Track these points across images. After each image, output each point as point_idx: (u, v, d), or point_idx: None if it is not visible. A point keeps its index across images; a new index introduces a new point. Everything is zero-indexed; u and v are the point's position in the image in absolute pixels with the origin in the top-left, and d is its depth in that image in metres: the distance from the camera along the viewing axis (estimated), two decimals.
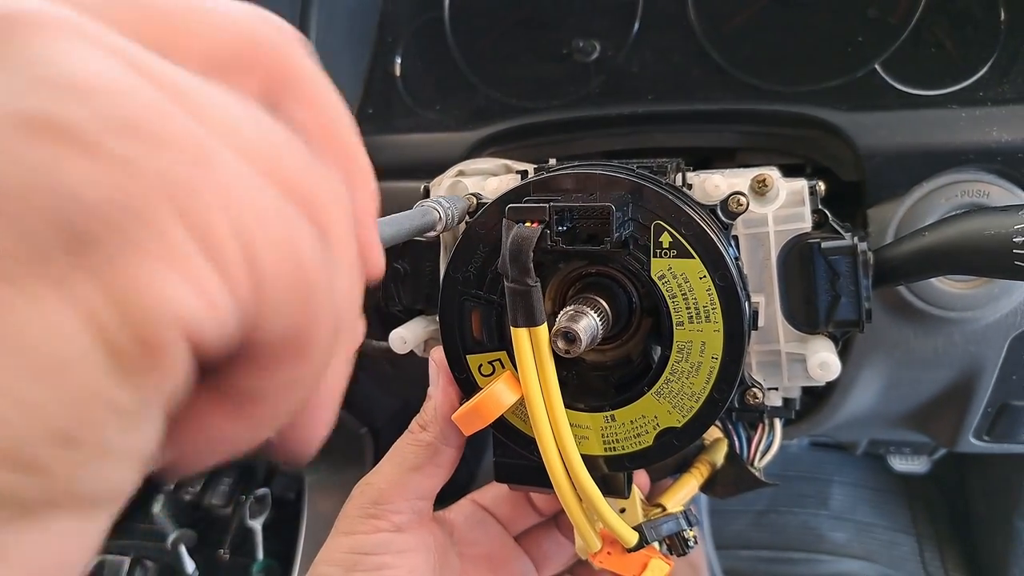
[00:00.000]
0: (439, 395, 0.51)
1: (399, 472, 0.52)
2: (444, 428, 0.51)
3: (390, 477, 0.52)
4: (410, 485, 0.51)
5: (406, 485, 0.51)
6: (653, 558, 0.50)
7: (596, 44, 0.82)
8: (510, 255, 0.42)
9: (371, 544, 0.50)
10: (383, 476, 0.52)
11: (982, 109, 0.67)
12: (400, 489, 0.51)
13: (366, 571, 0.50)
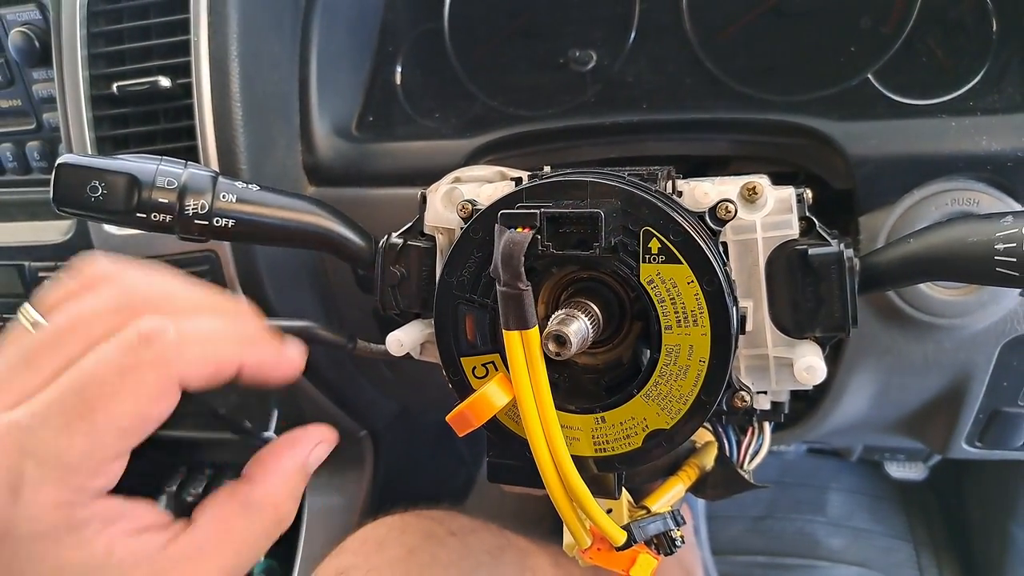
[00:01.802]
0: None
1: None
2: None
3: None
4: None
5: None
6: (641, 554, 0.51)
7: (592, 54, 0.83)
8: (502, 260, 0.44)
9: None
10: None
11: (972, 119, 0.68)
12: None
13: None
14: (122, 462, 0.41)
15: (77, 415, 0.38)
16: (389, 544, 0.80)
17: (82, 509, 0.39)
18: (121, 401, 0.39)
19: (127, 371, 0.39)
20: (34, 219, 1.04)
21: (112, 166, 0.58)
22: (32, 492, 0.38)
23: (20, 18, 0.97)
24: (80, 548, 0.39)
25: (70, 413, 0.38)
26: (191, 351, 0.41)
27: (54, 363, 0.41)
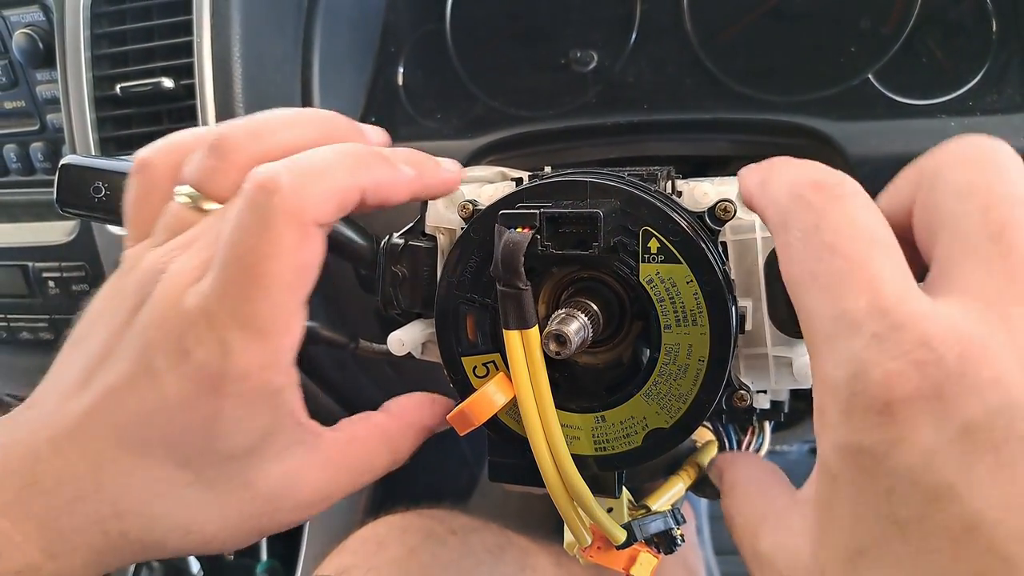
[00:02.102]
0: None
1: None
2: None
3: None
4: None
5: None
6: (642, 552, 0.52)
7: (593, 54, 0.84)
8: (502, 259, 0.44)
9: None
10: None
11: (971, 119, 0.68)
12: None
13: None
14: (301, 317, 0.43)
15: (248, 284, 0.41)
16: (389, 543, 0.81)
17: (279, 374, 0.43)
18: (273, 258, 0.41)
19: (262, 229, 0.41)
20: (38, 220, 1.05)
21: (115, 167, 0.58)
22: (239, 354, 0.41)
23: (24, 19, 0.98)
24: (272, 411, 0.44)
25: (243, 283, 0.41)
26: (310, 189, 0.42)
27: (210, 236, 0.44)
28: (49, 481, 0.42)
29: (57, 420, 0.44)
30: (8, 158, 1.05)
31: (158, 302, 0.43)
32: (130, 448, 0.43)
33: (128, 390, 0.43)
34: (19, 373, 1.23)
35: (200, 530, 0.45)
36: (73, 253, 1.00)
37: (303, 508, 0.47)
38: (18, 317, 1.07)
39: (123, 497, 0.43)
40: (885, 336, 0.30)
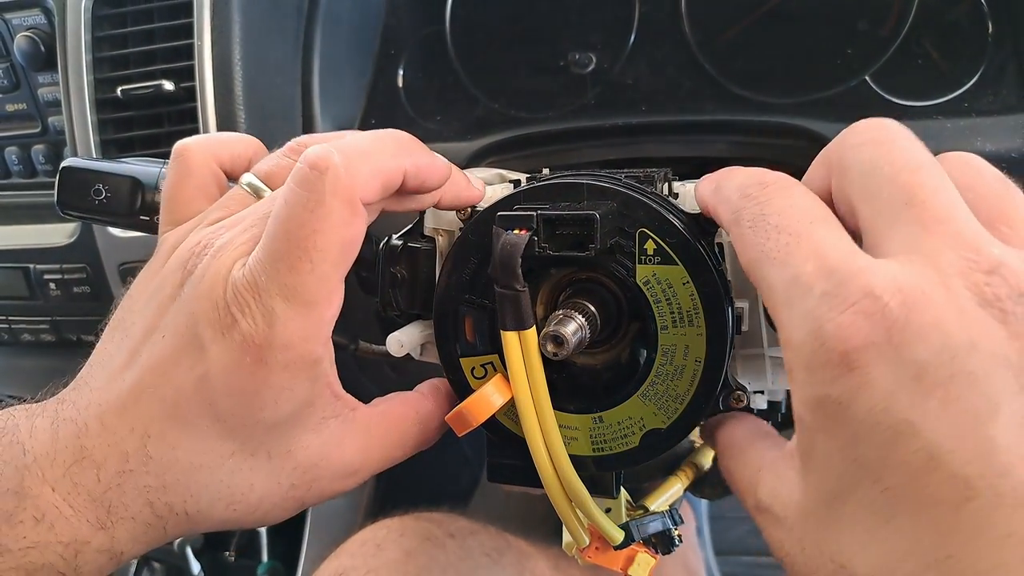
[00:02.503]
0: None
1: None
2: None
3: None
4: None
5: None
6: (640, 552, 0.52)
7: (592, 56, 0.84)
8: (499, 261, 0.44)
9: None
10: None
11: (968, 120, 0.68)
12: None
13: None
14: (341, 290, 0.45)
15: (296, 257, 0.42)
16: (387, 546, 0.81)
17: (319, 345, 0.45)
18: (321, 232, 0.43)
19: (312, 205, 0.42)
20: (40, 222, 1.05)
21: (116, 169, 0.58)
22: (283, 324, 0.43)
23: (26, 23, 0.98)
24: (311, 383, 0.45)
25: (291, 256, 0.42)
26: (359, 168, 0.44)
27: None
28: (98, 456, 0.44)
29: (104, 397, 0.45)
30: (9, 160, 1.06)
31: (204, 275, 0.45)
32: (176, 421, 0.44)
33: (174, 363, 0.44)
34: (21, 375, 1.24)
35: (244, 499, 0.46)
36: (74, 255, 1.01)
37: (340, 478, 0.49)
38: (19, 319, 1.08)
39: (169, 469, 0.44)
40: (833, 292, 0.33)
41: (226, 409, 0.44)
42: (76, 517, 0.43)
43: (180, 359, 0.44)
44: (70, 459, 0.44)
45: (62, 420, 0.45)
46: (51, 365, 1.25)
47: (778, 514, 0.39)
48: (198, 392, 0.44)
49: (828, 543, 0.35)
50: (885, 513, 0.32)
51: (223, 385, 0.43)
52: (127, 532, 0.44)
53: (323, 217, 0.43)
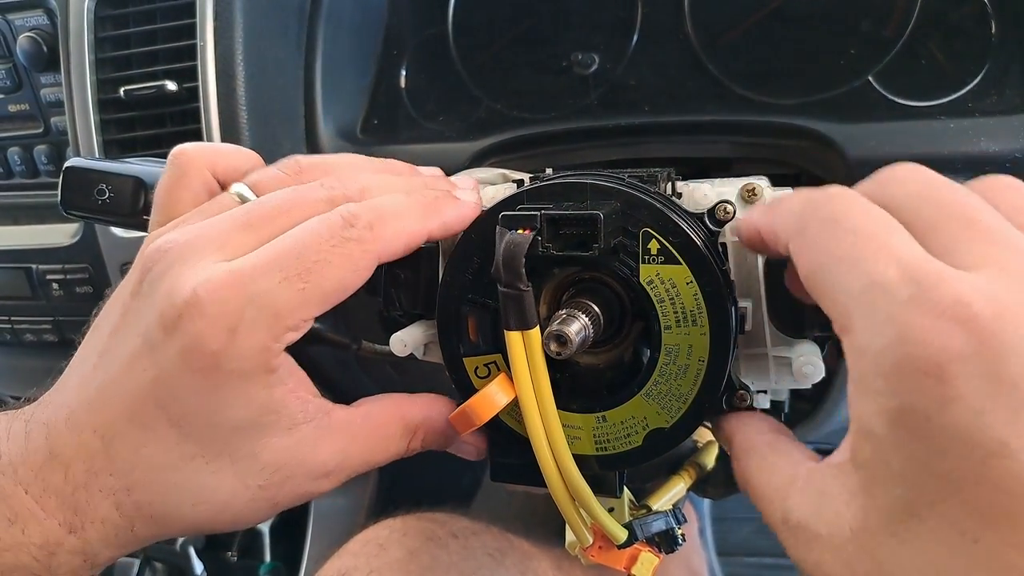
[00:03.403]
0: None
1: None
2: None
3: None
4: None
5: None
6: (643, 551, 0.52)
7: (595, 57, 0.84)
8: (503, 261, 0.44)
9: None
10: None
11: (971, 120, 0.68)
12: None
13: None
14: (310, 324, 0.46)
15: (294, 273, 0.43)
16: (390, 546, 0.81)
17: (275, 357, 0.45)
18: (330, 268, 0.44)
19: (336, 245, 0.45)
20: (42, 222, 1.05)
21: (118, 169, 0.58)
22: (246, 333, 0.43)
23: (28, 23, 0.98)
24: (267, 390, 0.45)
25: (288, 270, 0.43)
26: (385, 230, 0.46)
27: (271, 230, 0.46)
28: (65, 456, 0.44)
29: (75, 398, 0.46)
30: (12, 161, 1.06)
31: (163, 276, 0.45)
32: (138, 422, 0.44)
33: (132, 364, 0.45)
34: (23, 375, 1.24)
35: (210, 500, 0.46)
36: (76, 255, 1.01)
37: (314, 479, 0.49)
38: (22, 319, 1.08)
39: (133, 470, 0.45)
40: (921, 297, 0.31)
41: (179, 413, 0.44)
42: (47, 519, 0.44)
43: (136, 363, 0.45)
44: (40, 460, 0.44)
45: (35, 423, 0.46)
46: (53, 365, 1.25)
47: (819, 532, 0.37)
48: (152, 395, 0.44)
49: (891, 563, 0.33)
50: (973, 533, 0.31)
51: (174, 389, 0.44)
52: (97, 534, 0.45)
53: (339, 258, 0.44)
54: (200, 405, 0.44)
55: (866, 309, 0.33)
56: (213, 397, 0.44)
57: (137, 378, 0.44)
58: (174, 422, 0.44)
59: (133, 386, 0.44)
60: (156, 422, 0.44)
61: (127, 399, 0.44)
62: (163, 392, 0.44)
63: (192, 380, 0.43)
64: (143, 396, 0.44)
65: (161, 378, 0.44)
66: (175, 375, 0.43)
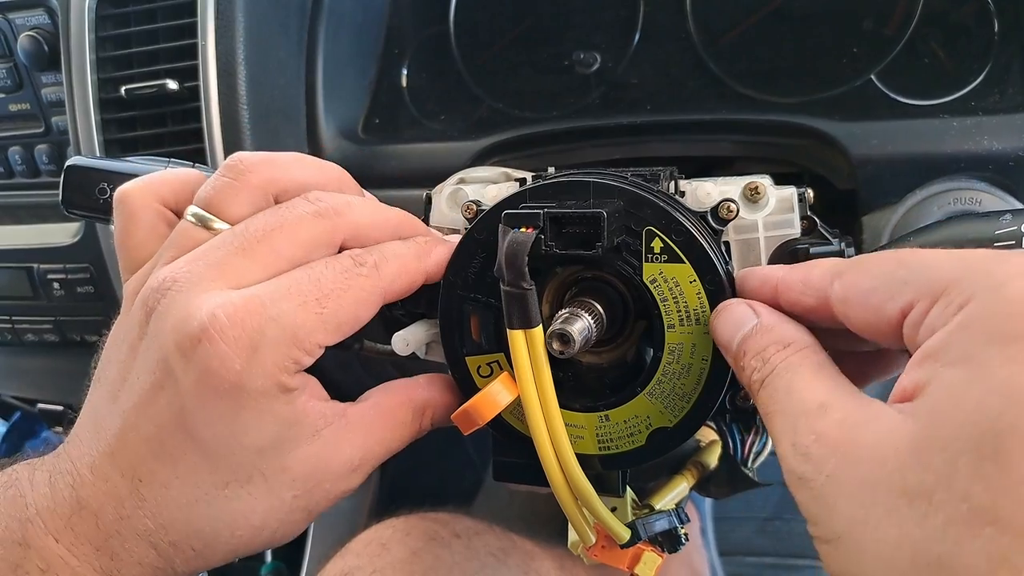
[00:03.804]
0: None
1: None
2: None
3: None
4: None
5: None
6: (646, 551, 0.52)
7: (596, 56, 0.84)
8: (506, 259, 0.44)
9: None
10: None
11: (973, 119, 0.68)
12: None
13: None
14: (322, 351, 0.47)
15: (313, 299, 0.45)
16: (393, 546, 0.81)
17: (292, 377, 0.45)
18: (346, 296, 0.46)
19: (349, 279, 0.47)
20: (43, 222, 1.05)
21: (119, 168, 0.58)
22: (268, 351, 0.43)
23: (29, 22, 0.98)
24: (289, 405, 0.46)
25: (307, 296, 0.45)
26: (388, 269, 0.48)
27: (268, 255, 0.47)
28: (94, 504, 0.44)
29: (94, 446, 0.46)
30: (13, 160, 1.06)
31: (169, 310, 0.45)
32: (163, 459, 0.45)
33: (152, 400, 0.45)
34: (24, 375, 1.24)
35: (247, 524, 0.47)
36: (78, 254, 1.01)
37: (343, 477, 0.49)
38: (23, 319, 1.08)
39: (164, 508, 0.45)
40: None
41: (208, 440, 0.44)
42: (81, 567, 0.44)
43: (157, 396, 0.44)
44: (68, 510, 0.44)
45: (58, 473, 0.46)
46: (54, 365, 1.25)
47: (872, 452, 0.34)
48: (178, 426, 0.44)
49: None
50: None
51: (201, 415, 0.44)
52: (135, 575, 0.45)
53: (352, 292, 0.46)
54: (226, 429, 0.44)
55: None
56: (238, 419, 0.44)
57: (159, 411, 0.44)
58: (201, 450, 0.44)
59: (156, 420, 0.44)
60: (183, 452, 0.44)
61: (151, 434, 0.44)
62: (188, 420, 0.44)
63: (216, 404, 0.43)
64: (167, 428, 0.44)
65: (185, 407, 0.44)
66: (199, 401, 0.43)
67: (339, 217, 0.49)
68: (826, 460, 0.35)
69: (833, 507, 0.34)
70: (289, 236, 0.47)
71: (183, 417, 0.44)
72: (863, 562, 0.32)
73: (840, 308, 0.40)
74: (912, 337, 0.36)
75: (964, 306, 0.33)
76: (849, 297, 0.39)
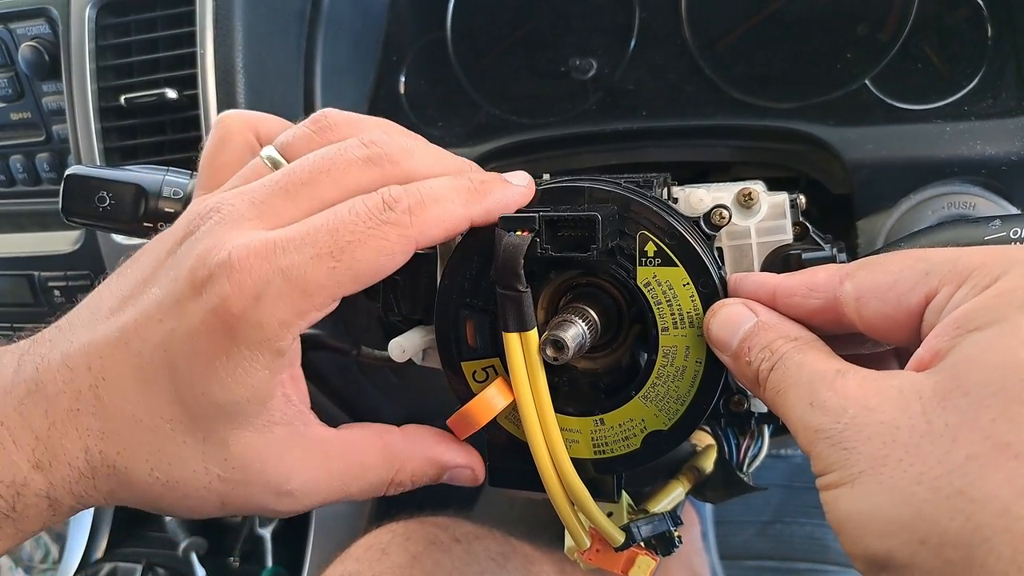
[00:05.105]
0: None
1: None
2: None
3: None
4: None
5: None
6: (640, 555, 0.52)
7: (593, 62, 0.84)
8: (501, 262, 0.45)
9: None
10: None
11: (967, 123, 0.69)
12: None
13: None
14: (334, 306, 0.45)
15: (327, 251, 0.43)
16: (393, 550, 0.81)
17: (290, 337, 0.44)
18: (363, 249, 0.43)
19: (374, 227, 0.44)
20: (44, 229, 1.06)
21: (119, 176, 0.59)
22: (271, 303, 0.42)
23: (30, 32, 0.99)
24: (267, 371, 0.44)
25: (321, 247, 0.43)
26: (425, 215, 0.45)
27: (311, 200, 0.46)
28: (51, 390, 0.44)
29: (79, 337, 0.46)
30: (14, 168, 1.06)
31: (204, 237, 0.45)
32: (134, 373, 0.44)
33: (154, 317, 0.45)
34: None
35: (167, 471, 0.46)
36: (78, 262, 1.01)
37: (273, 494, 0.48)
38: (24, 326, 1.08)
39: (113, 418, 0.45)
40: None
41: (181, 374, 0.44)
42: (17, 454, 0.44)
43: (160, 314, 0.44)
44: (24, 392, 0.45)
45: (29, 355, 0.46)
46: None
47: (885, 420, 0.35)
48: (163, 353, 0.44)
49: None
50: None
51: (187, 346, 0.43)
52: (63, 478, 0.45)
53: (375, 241, 0.43)
54: (203, 370, 0.43)
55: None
56: (216, 366, 0.43)
57: (153, 332, 0.44)
58: (173, 382, 0.44)
59: (147, 339, 0.44)
60: (157, 377, 0.44)
61: (136, 349, 0.44)
62: (173, 350, 0.44)
63: (206, 341, 0.43)
64: (153, 350, 0.44)
65: (177, 333, 0.43)
66: (192, 333, 0.43)
67: (393, 166, 0.47)
68: (845, 409, 0.35)
69: (853, 449, 0.34)
70: (335, 181, 0.46)
71: (171, 345, 0.44)
72: (881, 497, 0.33)
73: (852, 306, 0.40)
74: (933, 322, 0.36)
75: (992, 284, 0.34)
76: (864, 294, 0.40)
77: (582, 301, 0.50)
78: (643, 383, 0.48)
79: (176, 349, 0.44)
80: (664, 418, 0.48)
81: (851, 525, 0.34)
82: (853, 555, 0.34)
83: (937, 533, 0.30)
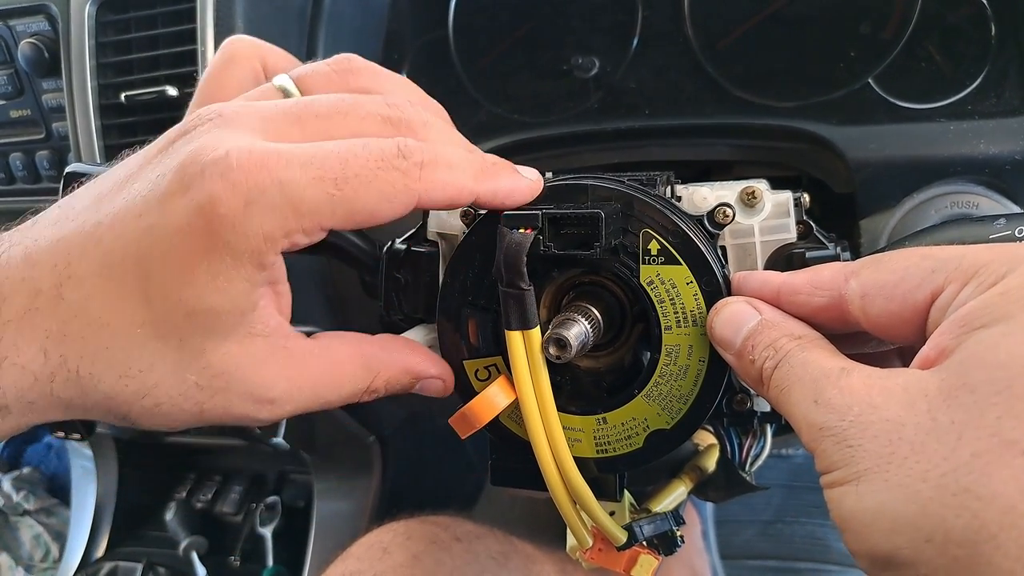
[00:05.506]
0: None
1: None
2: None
3: None
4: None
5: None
6: (642, 554, 0.52)
7: (595, 61, 0.84)
8: (504, 260, 0.44)
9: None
10: None
11: (970, 122, 0.68)
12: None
13: None
14: (316, 240, 0.43)
15: (331, 177, 0.41)
16: (394, 550, 0.81)
17: (274, 253, 0.42)
18: (367, 187, 0.42)
19: (382, 170, 0.42)
20: None
21: None
22: (261, 212, 0.40)
23: (30, 29, 0.99)
24: (248, 283, 0.42)
25: (326, 171, 0.41)
26: (434, 175, 0.44)
27: (320, 133, 0.45)
28: (7, 288, 0.41)
29: (46, 232, 0.43)
30: (14, 166, 1.06)
31: (200, 137, 0.43)
32: (104, 271, 0.42)
33: (133, 214, 0.42)
34: None
35: (138, 377, 0.43)
36: None
37: (253, 401, 0.46)
38: None
39: (75, 318, 0.42)
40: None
41: (155, 277, 0.41)
42: None
43: (140, 208, 0.42)
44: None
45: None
46: None
47: (890, 416, 0.35)
48: (137, 248, 0.41)
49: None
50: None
51: (165, 245, 0.41)
52: (13, 382, 0.41)
53: (380, 183, 0.42)
54: (180, 274, 0.41)
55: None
56: (193, 270, 0.41)
57: (131, 225, 0.41)
58: (144, 285, 0.41)
59: (122, 238, 0.41)
60: (126, 277, 0.41)
61: (109, 248, 0.42)
62: (151, 247, 0.41)
63: (186, 243, 0.40)
64: (128, 247, 0.41)
65: (156, 231, 0.41)
66: (173, 231, 0.40)
67: (411, 133, 0.46)
68: (850, 407, 0.35)
69: (858, 447, 0.34)
70: (349, 125, 0.45)
71: (147, 243, 0.41)
72: (886, 495, 0.32)
73: (858, 304, 0.40)
74: (938, 320, 0.36)
75: (998, 281, 0.34)
76: (870, 292, 0.40)
77: (585, 299, 0.50)
78: (646, 382, 0.48)
79: (152, 249, 0.41)
80: (667, 417, 0.48)
81: (856, 523, 0.34)
82: (858, 553, 0.34)
83: (943, 531, 0.30)
